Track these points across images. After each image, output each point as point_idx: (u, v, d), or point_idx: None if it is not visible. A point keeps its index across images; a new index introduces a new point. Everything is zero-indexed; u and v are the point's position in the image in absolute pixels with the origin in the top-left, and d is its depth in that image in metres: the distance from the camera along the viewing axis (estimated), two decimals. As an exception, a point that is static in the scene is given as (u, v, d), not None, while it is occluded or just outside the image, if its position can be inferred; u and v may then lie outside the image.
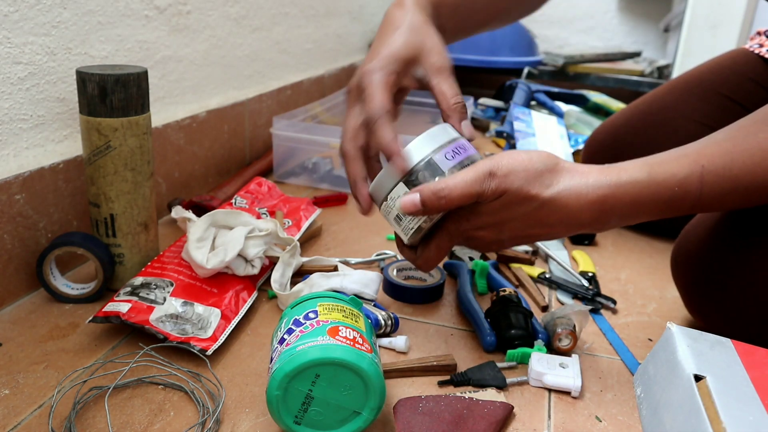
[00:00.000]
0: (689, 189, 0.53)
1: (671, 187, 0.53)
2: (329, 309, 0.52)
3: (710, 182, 0.53)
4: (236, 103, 1.10)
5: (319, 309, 0.52)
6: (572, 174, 0.53)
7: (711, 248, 0.64)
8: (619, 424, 0.56)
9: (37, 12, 0.68)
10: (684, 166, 0.53)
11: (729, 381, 0.49)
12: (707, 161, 0.53)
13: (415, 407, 0.53)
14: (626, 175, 0.53)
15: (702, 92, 0.93)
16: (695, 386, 0.48)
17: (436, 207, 0.52)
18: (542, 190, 0.52)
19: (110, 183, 0.68)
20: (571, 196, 0.52)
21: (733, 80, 0.92)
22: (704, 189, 0.53)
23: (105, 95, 0.65)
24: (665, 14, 2.13)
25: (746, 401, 0.47)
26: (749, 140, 0.54)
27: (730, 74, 0.93)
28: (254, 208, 0.88)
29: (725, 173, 0.53)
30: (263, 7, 1.17)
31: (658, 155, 0.55)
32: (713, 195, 0.54)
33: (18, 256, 0.69)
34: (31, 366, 0.59)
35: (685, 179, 0.53)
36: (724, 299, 0.63)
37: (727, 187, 0.53)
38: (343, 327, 0.50)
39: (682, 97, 0.95)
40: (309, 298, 0.55)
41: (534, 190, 0.52)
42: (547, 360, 0.61)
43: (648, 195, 0.53)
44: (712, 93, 0.92)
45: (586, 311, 0.66)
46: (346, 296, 0.56)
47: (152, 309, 0.62)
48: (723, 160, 0.53)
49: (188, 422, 0.52)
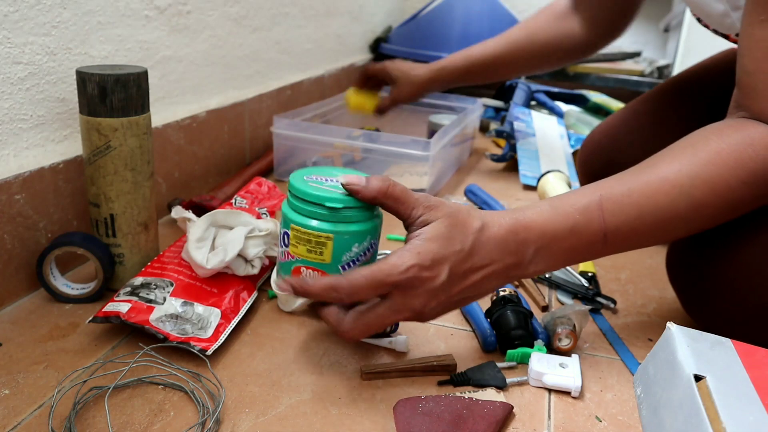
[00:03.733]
0: (591, 217, 0.55)
1: (573, 214, 0.55)
2: (298, 239, 0.55)
3: (611, 209, 0.55)
4: (236, 103, 1.10)
5: (291, 235, 0.55)
6: (489, 212, 0.55)
7: (706, 249, 0.64)
8: (619, 424, 0.56)
9: (37, 12, 0.68)
10: (582, 196, 0.56)
11: (729, 381, 0.49)
12: (605, 190, 0.56)
13: (415, 407, 0.53)
14: (531, 208, 0.56)
15: (697, 93, 0.93)
16: (695, 386, 0.48)
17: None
18: (474, 221, 0.53)
19: (110, 183, 0.68)
20: (494, 224, 0.54)
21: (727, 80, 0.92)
22: (606, 216, 0.55)
23: (105, 95, 0.65)
24: (665, 14, 2.13)
25: (746, 401, 0.47)
26: (646, 172, 0.57)
27: (725, 74, 0.93)
28: (254, 208, 0.88)
29: (624, 200, 0.55)
30: (263, 7, 1.17)
31: (561, 194, 0.59)
32: (620, 222, 0.55)
33: (18, 256, 0.69)
34: (31, 366, 0.59)
35: (585, 207, 0.55)
36: (720, 299, 0.63)
37: (632, 215, 0.55)
38: (304, 267, 0.55)
39: (677, 97, 0.95)
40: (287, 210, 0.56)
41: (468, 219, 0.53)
42: (547, 360, 0.61)
43: (553, 223, 0.54)
44: (707, 93, 0.92)
45: (586, 311, 0.66)
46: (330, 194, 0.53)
47: (152, 309, 0.62)
48: (621, 188, 0.56)
49: (188, 422, 0.52)
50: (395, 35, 1.85)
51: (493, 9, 1.77)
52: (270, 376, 0.59)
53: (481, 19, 1.74)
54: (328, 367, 0.61)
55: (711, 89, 0.92)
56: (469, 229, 0.52)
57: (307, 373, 0.60)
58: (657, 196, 0.55)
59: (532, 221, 0.54)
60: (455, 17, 1.74)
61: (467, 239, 0.52)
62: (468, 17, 1.74)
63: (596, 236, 0.55)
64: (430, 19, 1.78)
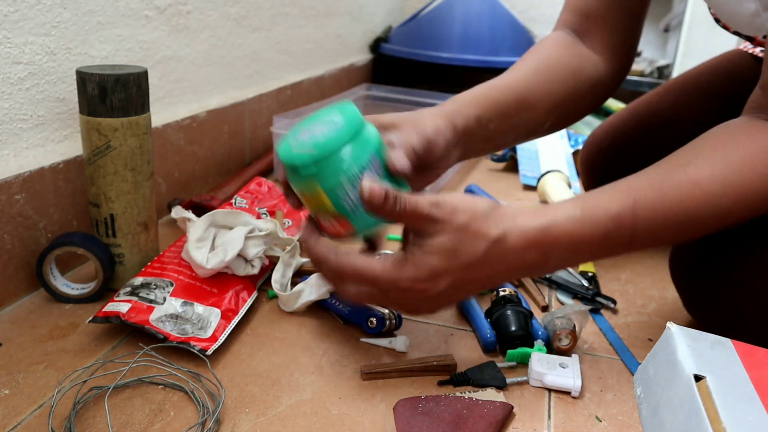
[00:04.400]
0: (623, 224, 0.52)
1: (605, 223, 0.52)
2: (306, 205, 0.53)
3: (643, 216, 0.53)
4: (236, 103, 1.10)
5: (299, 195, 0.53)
6: (513, 215, 0.51)
7: (708, 248, 0.64)
8: (619, 424, 0.56)
9: (37, 12, 0.68)
10: (615, 201, 0.53)
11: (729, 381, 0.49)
12: (639, 195, 0.53)
13: (415, 407, 0.53)
14: (562, 213, 0.52)
15: (699, 94, 0.93)
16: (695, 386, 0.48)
17: (392, 210, 0.49)
18: (491, 229, 0.50)
19: (110, 183, 0.68)
20: (516, 235, 0.50)
21: (729, 81, 0.92)
22: (638, 222, 0.53)
23: (105, 95, 0.65)
24: (665, 14, 2.13)
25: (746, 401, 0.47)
26: (678, 173, 0.54)
27: (727, 75, 0.93)
28: (254, 208, 0.88)
29: (657, 206, 0.53)
30: (263, 7, 1.17)
31: (591, 192, 0.55)
32: (647, 229, 0.53)
33: (18, 256, 0.69)
34: (31, 366, 0.59)
35: (618, 215, 0.52)
36: (722, 299, 0.63)
37: (659, 221, 0.53)
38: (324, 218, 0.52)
39: (679, 98, 0.95)
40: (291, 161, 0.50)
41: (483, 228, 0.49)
42: (547, 360, 0.61)
43: (584, 232, 0.52)
44: (709, 94, 0.92)
45: (586, 311, 0.66)
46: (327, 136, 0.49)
47: (152, 309, 0.62)
48: (654, 193, 0.53)
49: (188, 422, 0.52)
50: (395, 35, 1.85)
51: (493, 9, 1.77)
52: (270, 376, 0.59)
53: (481, 19, 1.74)
54: (328, 367, 0.61)
55: (714, 91, 0.92)
56: (481, 240, 0.49)
57: (307, 373, 0.60)
58: (687, 202, 0.53)
59: (562, 232, 0.51)
60: (455, 17, 1.74)
61: (477, 250, 0.49)
62: (468, 17, 1.74)
63: (623, 241, 0.53)
64: (430, 19, 1.78)
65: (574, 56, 0.73)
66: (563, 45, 0.74)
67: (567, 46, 0.74)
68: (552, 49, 0.74)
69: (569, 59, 0.72)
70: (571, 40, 0.75)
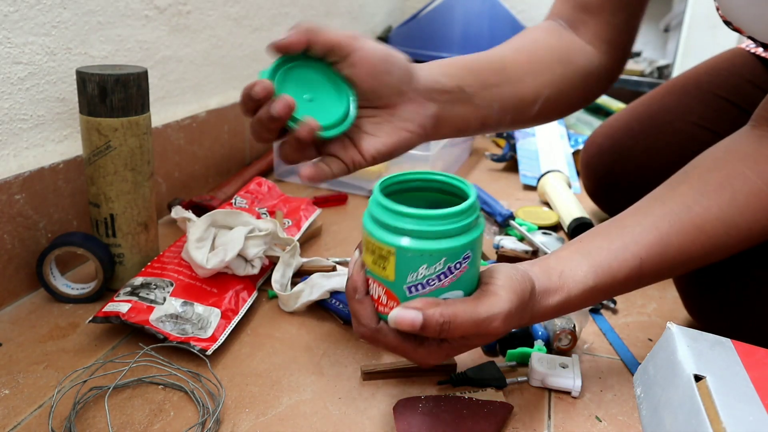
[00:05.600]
0: (630, 281, 0.55)
1: (614, 283, 0.54)
2: (366, 245, 0.46)
3: (647, 272, 0.55)
4: (236, 103, 1.10)
5: (362, 243, 0.47)
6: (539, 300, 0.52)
7: None
8: (619, 424, 0.56)
9: (37, 12, 0.68)
10: (624, 268, 0.54)
11: (729, 381, 0.49)
12: (645, 254, 0.54)
13: (415, 407, 0.53)
14: (575, 287, 0.53)
15: (699, 94, 0.93)
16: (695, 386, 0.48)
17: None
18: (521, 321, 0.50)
19: (110, 183, 0.68)
20: (537, 318, 0.52)
21: (730, 81, 0.92)
22: (642, 279, 0.55)
23: (105, 95, 0.65)
24: (665, 14, 2.13)
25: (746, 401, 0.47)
26: (683, 217, 0.55)
27: (727, 75, 0.93)
28: (254, 208, 0.88)
29: (661, 260, 0.55)
30: (263, 7, 1.17)
31: (602, 253, 0.54)
32: (649, 280, 0.56)
33: (18, 256, 0.69)
34: (31, 366, 0.59)
35: (626, 279, 0.54)
36: (722, 300, 0.63)
37: (663, 271, 0.55)
38: (372, 280, 0.46)
39: (680, 99, 0.95)
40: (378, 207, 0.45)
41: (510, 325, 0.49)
42: (547, 360, 0.61)
43: (594, 299, 0.54)
44: (710, 94, 0.92)
45: (586, 311, 0.66)
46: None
47: (152, 309, 0.62)
48: (660, 248, 0.54)
49: (188, 422, 0.52)
50: (395, 35, 1.85)
51: (493, 9, 1.77)
52: (270, 376, 0.59)
53: (481, 19, 1.74)
54: (328, 367, 0.61)
55: (713, 91, 0.92)
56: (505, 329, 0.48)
57: (307, 373, 0.60)
58: (690, 248, 0.55)
59: (575, 304, 0.53)
60: (455, 17, 1.74)
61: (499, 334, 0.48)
62: (468, 17, 1.74)
63: (627, 289, 0.56)
64: (430, 19, 1.78)
65: (562, 42, 0.70)
66: (551, 31, 0.72)
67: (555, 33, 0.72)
68: (539, 33, 0.72)
69: (557, 44, 0.70)
70: (561, 29, 0.73)
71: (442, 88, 0.58)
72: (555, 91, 0.68)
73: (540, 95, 0.66)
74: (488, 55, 0.65)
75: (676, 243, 0.54)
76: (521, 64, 0.66)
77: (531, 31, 0.72)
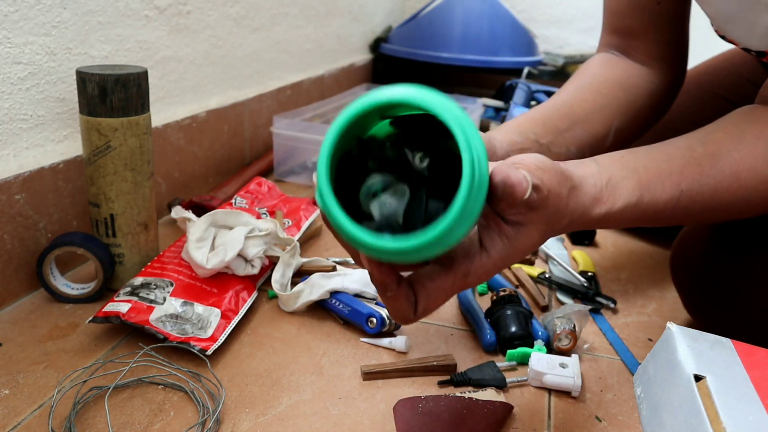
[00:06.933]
0: (663, 211, 0.54)
1: (650, 212, 0.53)
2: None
3: (683, 206, 0.54)
4: (236, 103, 1.10)
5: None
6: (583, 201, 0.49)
7: (708, 249, 0.64)
8: (619, 424, 0.56)
9: (37, 12, 0.68)
10: (667, 191, 0.54)
11: (729, 381, 0.49)
12: (686, 185, 0.54)
13: (415, 407, 0.53)
14: (620, 201, 0.52)
15: (699, 94, 0.93)
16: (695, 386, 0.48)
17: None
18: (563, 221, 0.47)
19: (110, 183, 0.68)
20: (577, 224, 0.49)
21: (729, 81, 0.92)
22: (676, 211, 0.54)
23: (105, 95, 0.65)
24: (665, 14, 2.13)
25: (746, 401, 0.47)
26: (723, 161, 0.55)
27: (727, 74, 0.93)
28: (254, 208, 0.88)
29: (697, 197, 0.54)
30: (263, 7, 1.17)
31: (649, 173, 0.54)
32: (680, 215, 0.55)
33: (18, 256, 0.69)
34: (31, 366, 0.59)
35: (664, 206, 0.54)
36: (722, 300, 0.63)
37: (693, 212, 0.55)
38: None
39: (680, 98, 0.95)
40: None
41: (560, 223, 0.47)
42: (547, 360, 0.61)
43: (630, 218, 0.53)
44: (710, 94, 0.92)
45: (586, 311, 0.66)
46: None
47: (152, 309, 0.62)
48: (699, 183, 0.54)
49: (188, 422, 0.52)
50: (395, 35, 1.85)
51: (493, 9, 1.77)
52: (270, 376, 0.59)
53: (481, 19, 1.74)
54: (328, 367, 0.61)
55: (713, 91, 0.92)
56: (559, 223, 0.47)
57: (307, 373, 0.60)
58: (724, 195, 0.55)
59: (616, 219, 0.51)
60: (455, 17, 1.74)
61: (554, 229, 0.47)
62: (468, 17, 1.74)
63: (658, 220, 0.55)
64: (430, 19, 1.78)
65: (619, 70, 0.74)
66: (606, 62, 0.76)
67: (610, 63, 0.75)
68: (595, 67, 0.75)
69: (614, 73, 0.73)
70: (614, 57, 0.76)
71: (520, 147, 0.60)
72: (623, 118, 0.71)
73: (610, 127, 0.70)
74: (554, 103, 0.69)
75: (712, 184, 0.54)
76: (587, 102, 0.70)
77: (587, 67, 0.76)
